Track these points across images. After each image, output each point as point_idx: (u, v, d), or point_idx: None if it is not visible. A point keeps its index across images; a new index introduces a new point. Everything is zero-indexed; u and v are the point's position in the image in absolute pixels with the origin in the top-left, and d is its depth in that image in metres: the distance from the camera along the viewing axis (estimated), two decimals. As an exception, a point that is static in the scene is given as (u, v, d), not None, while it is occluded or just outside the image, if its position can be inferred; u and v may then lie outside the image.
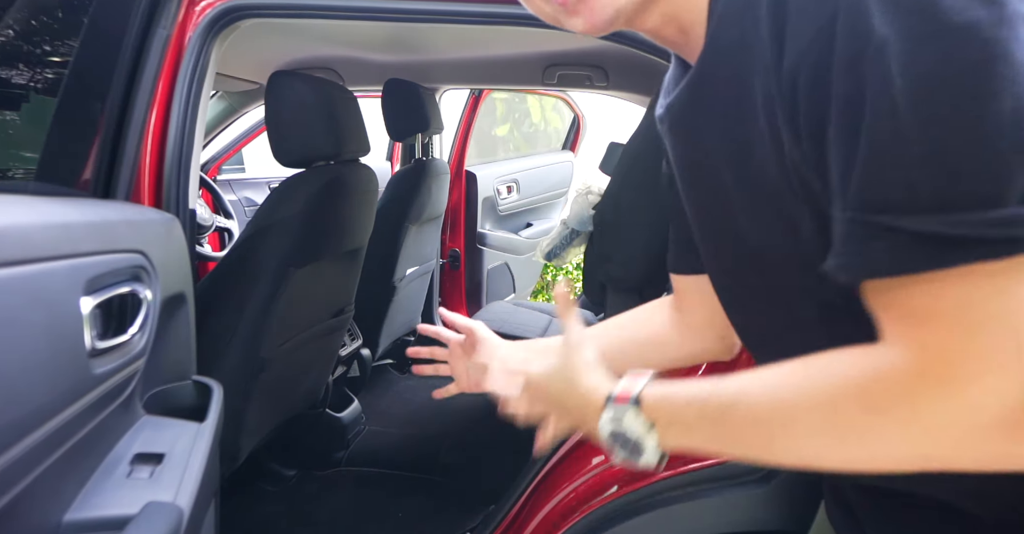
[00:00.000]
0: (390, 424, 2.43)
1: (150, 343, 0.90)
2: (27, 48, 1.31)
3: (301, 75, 1.52)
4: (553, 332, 2.21)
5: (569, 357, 0.66)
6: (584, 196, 1.98)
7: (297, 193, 1.50)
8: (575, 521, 1.16)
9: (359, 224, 1.78)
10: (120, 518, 0.74)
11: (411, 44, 2.11)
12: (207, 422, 0.97)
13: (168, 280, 0.96)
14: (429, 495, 2.00)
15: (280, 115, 1.49)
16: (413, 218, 2.38)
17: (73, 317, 0.72)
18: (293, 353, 1.67)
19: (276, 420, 1.78)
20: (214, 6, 1.21)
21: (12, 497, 0.62)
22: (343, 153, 1.60)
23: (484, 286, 3.14)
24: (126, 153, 1.15)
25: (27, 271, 0.65)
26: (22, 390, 0.63)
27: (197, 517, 0.85)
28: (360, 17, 1.28)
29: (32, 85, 1.26)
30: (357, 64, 2.33)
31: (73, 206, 0.85)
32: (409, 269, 2.50)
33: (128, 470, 0.83)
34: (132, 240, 0.90)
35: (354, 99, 1.71)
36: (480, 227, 3.10)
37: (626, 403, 0.58)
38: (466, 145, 3.09)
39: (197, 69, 1.20)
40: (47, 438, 0.66)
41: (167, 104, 1.19)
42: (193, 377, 1.08)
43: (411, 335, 2.86)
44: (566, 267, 4.44)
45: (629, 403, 0.58)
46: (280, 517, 1.90)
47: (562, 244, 2.12)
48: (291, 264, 1.48)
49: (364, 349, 2.37)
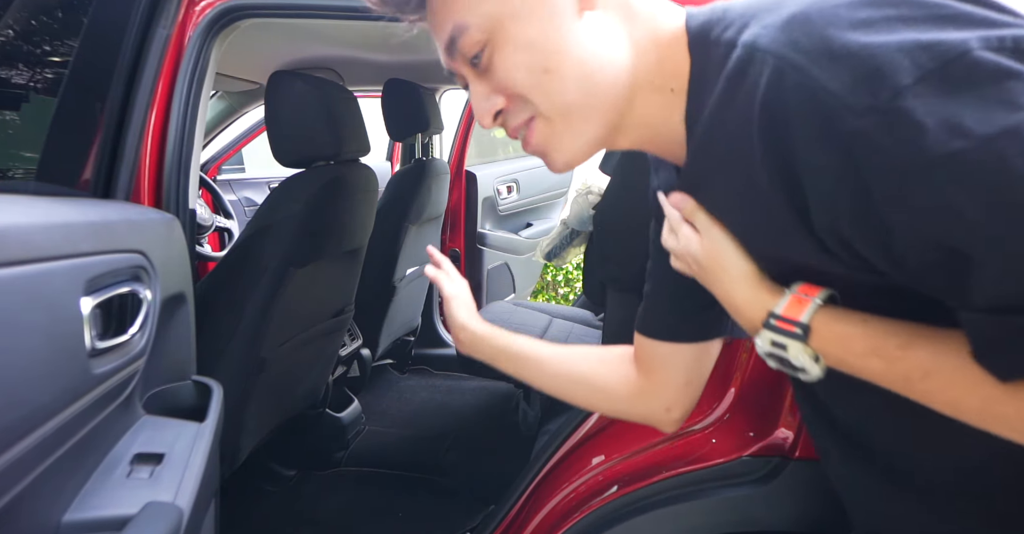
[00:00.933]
0: (390, 424, 2.43)
1: (150, 343, 0.90)
2: (27, 48, 1.31)
3: (301, 75, 1.52)
4: (553, 332, 2.21)
5: (726, 249, 0.62)
6: (584, 196, 1.98)
7: (297, 193, 1.50)
8: (575, 521, 1.16)
9: (359, 224, 1.78)
10: (120, 518, 0.74)
11: (411, 44, 2.10)
12: (207, 422, 0.97)
13: (168, 280, 0.96)
14: (429, 495, 2.00)
15: (280, 115, 1.49)
16: (413, 218, 2.38)
17: (73, 317, 0.72)
18: (293, 353, 1.67)
19: (276, 420, 1.78)
20: (214, 6, 1.21)
21: (12, 497, 0.62)
22: (343, 153, 1.60)
23: (484, 286, 3.14)
24: (126, 153, 1.14)
25: (27, 271, 0.65)
26: (22, 390, 0.63)
27: (197, 517, 0.85)
28: (360, 17, 1.28)
29: (32, 85, 1.26)
30: (357, 64, 2.33)
31: (73, 206, 0.85)
32: (409, 269, 2.50)
33: (128, 470, 0.83)
34: (132, 240, 0.90)
35: (354, 99, 1.71)
36: (480, 227, 3.10)
37: (792, 329, 0.56)
38: (466, 145, 3.09)
39: (197, 69, 1.20)
40: (47, 438, 0.66)
41: (167, 104, 1.19)
42: (193, 377, 1.08)
43: (411, 335, 2.86)
44: (566, 267, 4.44)
45: (795, 331, 0.56)
46: (280, 517, 1.90)
47: (562, 244, 2.12)
48: (291, 264, 1.48)
49: (364, 349, 2.37)
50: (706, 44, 0.58)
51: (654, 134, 0.64)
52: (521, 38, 0.59)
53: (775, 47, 0.50)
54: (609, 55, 0.60)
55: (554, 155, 0.63)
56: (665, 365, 0.83)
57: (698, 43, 0.59)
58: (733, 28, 0.56)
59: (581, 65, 0.59)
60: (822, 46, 0.47)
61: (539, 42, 0.58)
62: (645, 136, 0.65)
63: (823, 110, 0.46)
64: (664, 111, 0.62)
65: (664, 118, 0.62)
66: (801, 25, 0.49)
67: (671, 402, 0.84)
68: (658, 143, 0.65)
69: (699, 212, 0.64)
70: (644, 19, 0.62)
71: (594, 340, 2.10)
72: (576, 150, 0.63)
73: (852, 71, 0.45)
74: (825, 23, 0.48)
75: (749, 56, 0.52)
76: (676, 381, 0.83)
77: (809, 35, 0.48)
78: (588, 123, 0.61)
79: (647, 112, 0.62)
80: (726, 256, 0.62)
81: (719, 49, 0.56)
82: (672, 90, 0.61)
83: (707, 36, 0.58)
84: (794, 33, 0.49)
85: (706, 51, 0.58)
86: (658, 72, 0.61)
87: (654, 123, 0.63)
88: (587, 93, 0.60)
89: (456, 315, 0.95)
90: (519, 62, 0.59)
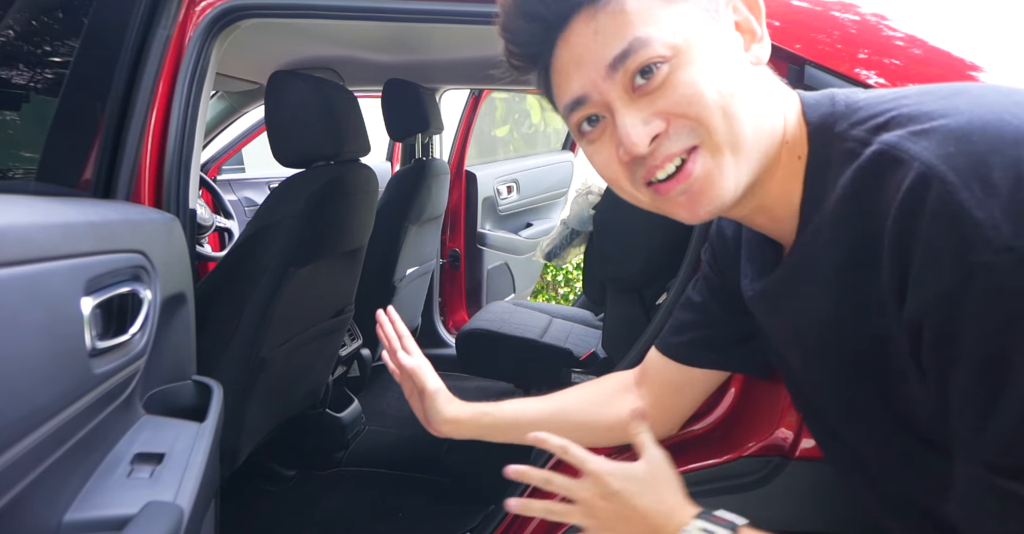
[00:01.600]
0: (390, 424, 2.43)
1: (150, 343, 0.90)
2: (27, 48, 1.31)
3: (301, 75, 1.52)
4: (553, 332, 2.21)
5: (655, 469, 0.70)
6: (584, 196, 1.98)
7: (297, 193, 1.50)
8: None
9: (359, 224, 1.78)
10: (120, 518, 0.74)
11: (411, 44, 2.11)
12: (207, 422, 0.97)
13: (168, 280, 0.96)
14: (429, 495, 2.00)
15: (280, 115, 1.49)
16: (413, 218, 2.38)
17: (73, 317, 0.72)
18: (293, 353, 1.67)
19: (276, 420, 1.78)
20: (214, 6, 1.21)
21: (12, 497, 0.62)
22: (343, 153, 1.60)
23: (484, 286, 3.14)
24: (126, 153, 1.14)
25: (28, 271, 0.65)
26: (22, 390, 0.63)
27: (197, 517, 0.85)
28: (360, 17, 1.28)
29: (33, 85, 1.26)
30: (357, 64, 2.33)
31: (73, 206, 0.85)
32: (409, 269, 2.50)
33: (128, 470, 0.83)
34: (132, 240, 0.90)
35: (354, 99, 1.71)
36: (480, 227, 3.10)
37: (724, 523, 0.65)
38: (466, 145, 3.09)
39: (197, 69, 1.20)
40: (47, 438, 0.66)
41: (167, 104, 1.19)
42: (193, 377, 1.08)
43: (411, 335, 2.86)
44: (566, 267, 4.44)
45: (726, 525, 0.65)
46: (280, 517, 1.90)
47: (562, 244, 2.12)
48: (291, 264, 1.48)
49: (364, 349, 2.37)
50: (829, 136, 0.59)
51: (773, 206, 0.64)
52: (710, 60, 0.58)
53: (925, 155, 0.49)
54: (771, 105, 0.61)
55: (710, 193, 0.60)
56: (678, 391, 0.86)
57: (819, 133, 0.60)
58: (865, 126, 0.56)
59: (755, 103, 0.59)
60: (980, 171, 0.47)
61: (725, 69, 0.58)
62: (762, 207, 0.64)
63: (961, 232, 0.46)
64: (789, 186, 0.62)
65: (788, 193, 0.62)
66: (959, 140, 0.49)
67: (673, 425, 0.86)
68: (771, 217, 0.65)
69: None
70: (782, 93, 0.63)
71: (594, 340, 2.10)
72: (733, 189, 0.60)
73: (1003, 208, 0.45)
74: (988, 146, 0.48)
75: (893, 157, 0.52)
76: (682, 408, 0.86)
77: (968, 155, 0.48)
78: (751, 163, 0.60)
79: (783, 186, 0.62)
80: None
81: (845, 144, 0.56)
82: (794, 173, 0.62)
83: (831, 128, 0.59)
84: (950, 146, 0.49)
85: (828, 142, 0.59)
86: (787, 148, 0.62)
87: (777, 194, 0.63)
88: (757, 131, 0.59)
89: (444, 411, 0.93)
90: (709, 81, 0.57)
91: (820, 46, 0.95)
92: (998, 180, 0.46)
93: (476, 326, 2.17)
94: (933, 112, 0.52)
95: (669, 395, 0.87)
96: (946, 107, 0.52)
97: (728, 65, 0.58)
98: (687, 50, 0.57)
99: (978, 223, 0.45)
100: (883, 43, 0.98)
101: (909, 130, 0.52)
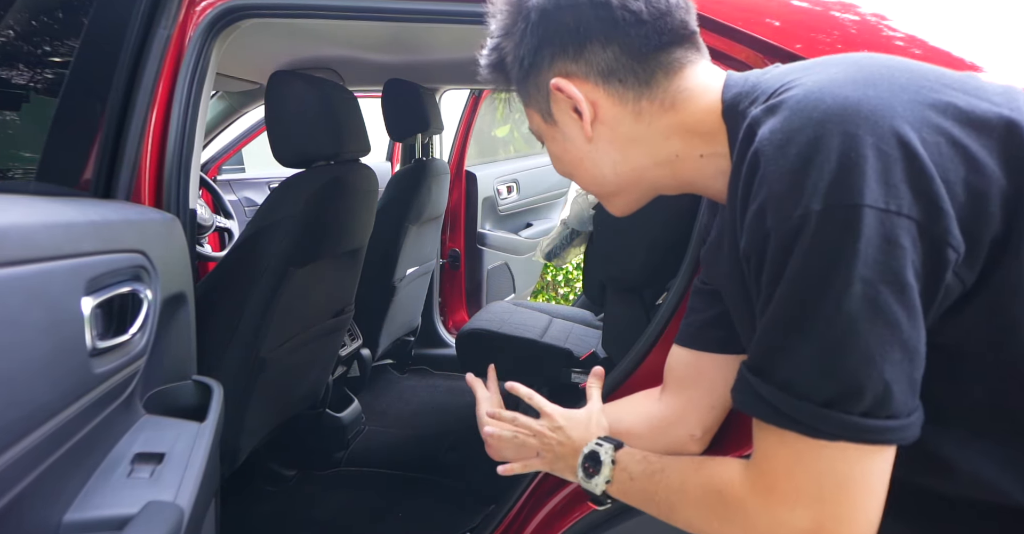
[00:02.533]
0: (390, 424, 2.43)
1: (150, 343, 0.90)
2: (28, 48, 1.31)
3: (301, 75, 1.52)
4: (553, 332, 2.21)
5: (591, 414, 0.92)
6: (584, 196, 1.98)
7: (297, 193, 1.50)
8: (575, 521, 1.16)
9: (359, 224, 1.78)
10: (120, 518, 0.74)
11: (411, 44, 2.11)
12: (207, 422, 0.97)
13: (168, 280, 0.96)
14: (429, 495, 2.00)
15: (280, 115, 1.49)
16: (413, 218, 2.38)
17: (74, 317, 0.72)
18: (293, 353, 1.67)
19: (276, 420, 1.78)
20: (214, 6, 1.21)
21: (12, 497, 0.62)
22: (343, 153, 1.60)
23: (484, 286, 3.14)
24: (126, 153, 1.15)
25: (28, 271, 0.65)
26: (23, 390, 0.63)
27: (197, 517, 0.85)
28: (360, 17, 1.28)
29: (33, 85, 1.26)
30: (357, 64, 2.33)
31: (74, 206, 0.85)
32: (409, 269, 2.50)
33: (128, 470, 0.83)
34: (133, 240, 0.90)
35: (354, 99, 1.71)
36: (480, 227, 3.10)
37: (611, 441, 0.83)
38: (466, 145, 3.09)
39: (197, 69, 1.21)
40: (48, 438, 0.66)
41: (167, 104, 1.19)
42: (193, 377, 1.08)
43: (411, 335, 2.86)
44: (566, 267, 4.44)
45: (613, 442, 0.83)
46: (280, 517, 1.90)
47: (562, 244, 2.12)
48: (291, 264, 1.48)
49: (364, 349, 2.37)
50: (735, 115, 0.67)
51: (706, 188, 0.75)
52: (552, 151, 0.79)
53: (762, 131, 0.58)
54: (615, 161, 0.75)
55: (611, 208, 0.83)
56: (697, 382, 0.87)
57: (730, 114, 0.68)
58: (759, 102, 0.63)
59: (593, 171, 0.77)
60: (786, 147, 0.56)
61: (562, 156, 0.78)
62: (700, 187, 0.76)
63: (763, 203, 0.57)
64: (715, 171, 0.71)
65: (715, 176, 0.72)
66: (788, 116, 0.57)
67: (695, 426, 0.87)
68: (712, 193, 0.76)
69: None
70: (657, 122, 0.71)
71: (594, 340, 2.10)
72: (625, 210, 0.82)
73: (793, 180, 0.55)
74: (802, 121, 0.56)
75: (751, 132, 0.60)
76: (703, 402, 0.86)
77: (784, 131, 0.57)
78: (618, 197, 0.80)
79: (700, 175, 0.73)
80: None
81: (745, 122, 0.63)
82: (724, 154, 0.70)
83: (736, 107, 0.67)
84: (782, 121, 0.57)
85: (735, 122, 0.67)
86: (704, 144, 0.71)
87: (704, 180, 0.74)
88: (601, 185, 0.78)
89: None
90: (555, 163, 0.81)
91: (820, 46, 0.95)
92: (795, 154, 0.55)
93: (476, 326, 2.17)
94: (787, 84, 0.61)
95: (688, 388, 0.88)
96: (796, 80, 0.61)
97: (565, 150, 0.77)
98: (543, 138, 0.80)
99: (773, 194, 0.56)
100: (883, 43, 0.98)
101: (766, 106, 0.60)
